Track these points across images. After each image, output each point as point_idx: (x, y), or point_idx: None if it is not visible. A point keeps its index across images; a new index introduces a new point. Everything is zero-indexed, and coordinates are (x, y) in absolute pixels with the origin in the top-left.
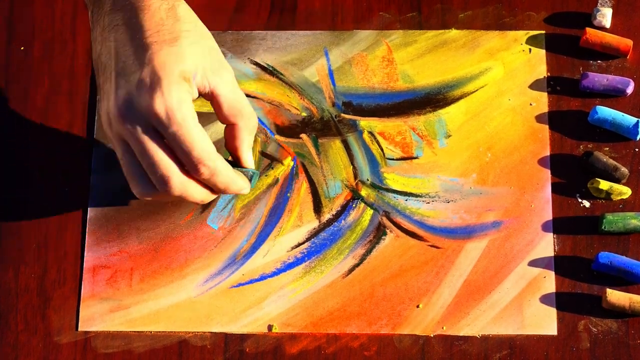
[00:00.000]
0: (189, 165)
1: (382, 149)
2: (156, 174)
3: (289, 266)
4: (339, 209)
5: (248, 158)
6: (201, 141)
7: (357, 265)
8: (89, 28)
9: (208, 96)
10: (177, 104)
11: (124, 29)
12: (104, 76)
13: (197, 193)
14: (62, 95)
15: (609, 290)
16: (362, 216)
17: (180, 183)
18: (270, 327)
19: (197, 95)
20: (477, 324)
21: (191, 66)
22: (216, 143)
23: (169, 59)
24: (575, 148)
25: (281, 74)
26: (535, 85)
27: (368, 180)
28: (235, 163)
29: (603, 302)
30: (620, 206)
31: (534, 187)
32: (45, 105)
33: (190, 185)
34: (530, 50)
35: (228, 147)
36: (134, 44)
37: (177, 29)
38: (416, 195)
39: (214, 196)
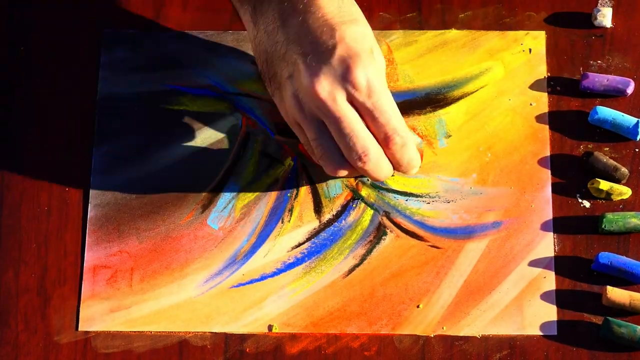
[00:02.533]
0: (384, 137)
1: None
2: (356, 146)
3: (289, 266)
4: (339, 209)
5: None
6: (397, 112)
7: (358, 265)
8: (89, 28)
9: None
10: (376, 74)
11: (303, 15)
12: (282, 62)
13: (386, 167)
14: (62, 95)
15: (609, 288)
16: (363, 216)
17: (376, 155)
18: (270, 327)
19: None
20: (478, 324)
21: (374, 44)
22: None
23: (357, 37)
24: (576, 148)
25: None
26: (535, 86)
27: (368, 180)
28: None
29: (603, 299)
30: (621, 206)
31: (534, 187)
32: (45, 105)
33: (382, 158)
34: (530, 50)
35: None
36: (319, 25)
37: (353, 11)
38: (416, 196)
39: (392, 173)
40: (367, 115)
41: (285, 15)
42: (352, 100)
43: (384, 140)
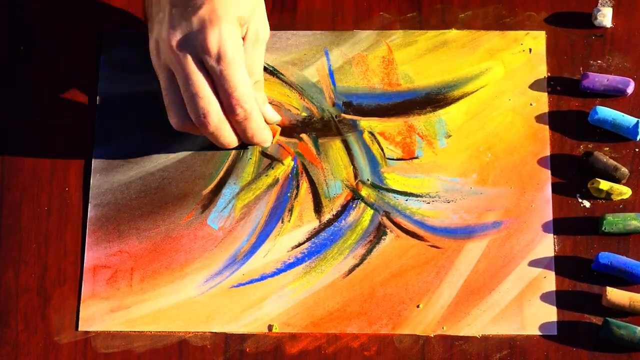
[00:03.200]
0: (227, 105)
1: (382, 149)
2: (197, 105)
3: (289, 266)
4: (339, 209)
5: (268, 111)
6: (244, 84)
7: (358, 265)
8: (89, 28)
9: None
10: (230, 43)
11: None
12: (157, 6)
13: (228, 135)
14: (62, 95)
15: (609, 289)
16: (363, 216)
17: (217, 119)
18: (270, 327)
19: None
20: (478, 324)
21: (245, 14)
22: None
23: (228, 3)
24: (576, 148)
25: (281, 74)
26: (535, 86)
27: (368, 180)
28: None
29: (603, 301)
30: (621, 206)
31: (534, 187)
32: (45, 105)
33: (224, 124)
34: (530, 50)
35: None
36: None
37: None
38: (416, 195)
39: (237, 143)
40: (215, 81)
41: None
42: (203, 62)
43: (228, 109)
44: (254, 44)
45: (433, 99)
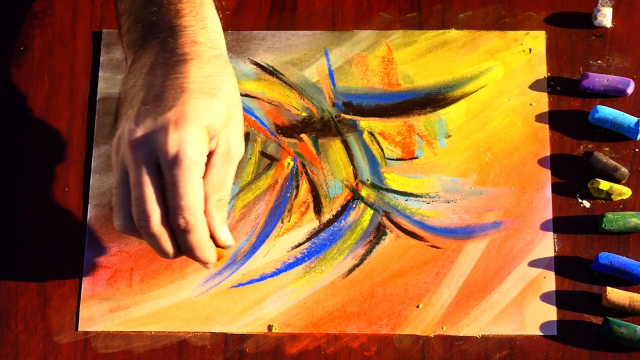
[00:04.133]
0: (172, 211)
1: (382, 149)
2: (140, 206)
3: (289, 266)
4: (339, 209)
5: (222, 234)
6: (195, 194)
7: (357, 265)
8: (89, 28)
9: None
10: (191, 148)
11: (165, 68)
12: (128, 104)
13: (166, 244)
14: (62, 95)
15: (609, 289)
16: (362, 216)
17: (157, 225)
18: (270, 327)
19: (207, 153)
20: (477, 324)
21: (218, 126)
22: None
23: (202, 109)
24: (576, 148)
25: (281, 74)
26: (535, 86)
27: (368, 180)
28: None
29: (603, 301)
30: (621, 206)
31: (534, 187)
32: (45, 105)
33: (164, 233)
34: (530, 50)
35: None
36: (175, 83)
37: (219, 87)
38: (416, 196)
39: (175, 255)
40: (166, 185)
41: (154, 65)
42: (159, 165)
43: (171, 217)
44: (224, 158)
45: (433, 99)
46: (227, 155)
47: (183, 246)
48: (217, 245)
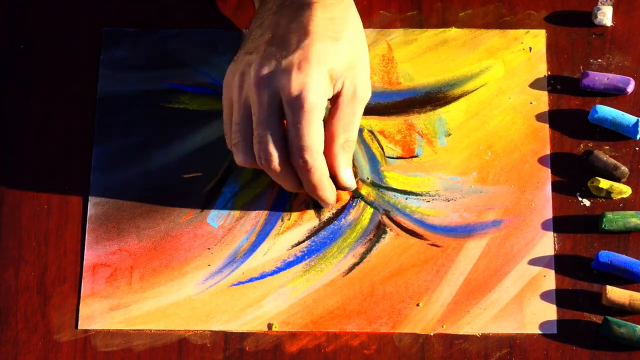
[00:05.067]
0: (291, 152)
1: (382, 148)
2: (264, 145)
3: (289, 264)
4: (339, 207)
5: (345, 175)
6: (315, 135)
7: (357, 263)
8: (89, 26)
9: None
10: (313, 91)
11: (292, 12)
12: (252, 42)
13: (289, 180)
14: (62, 95)
15: (609, 288)
16: (362, 215)
17: (280, 163)
18: (270, 326)
19: (330, 97)
20: (477, 322)
21: (340, 70)
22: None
23: (324, 53)
24: (576, 147)
25: None
26: (535, 84)
27: (368, 178)
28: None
29: (603, 299)
30: (621, 205)
31: (534, 185)
32: (45, 105)
33: (287, 170)
34: (530, 49)
35: (327, 164)
36: (300, 26)
37: (343, 30)
38: (416, 194)
39: (298, 190)
40: (288, 124)
41: (279, 9)
42: (282, 105)
43: (292, 155)
44: (350, 100)
45: (433, 98)
46: (353, 97)
47: (304, 184)
48: (338, 186)
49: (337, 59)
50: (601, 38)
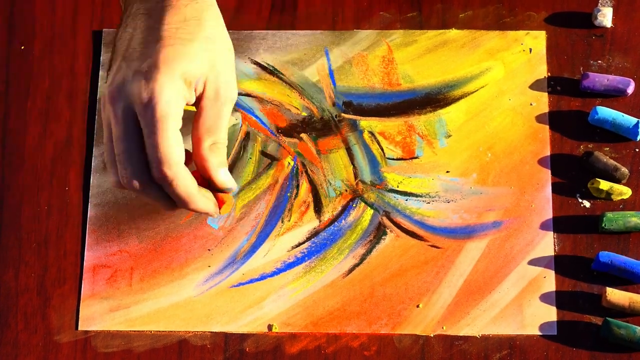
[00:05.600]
0: (151, 164)
1: (382, 149)
2: (123, 164)
3: (289, 266)
4: (339, 208)
5: (219, 177)
6: (171, 144)
7: (357, 265)
8: (89, 28)
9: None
10: (164, 98)
11: (145, 19)
12: (113, 59)
13: (160, 200)
14: (62, 95)
15: (608, 290)
16: (362, 216)
17: (143, 182)
18: (270, 327)
19: (193, 101)
20: (477, 323)
21: (197, 71)
22: None
23: (175, 56)
24: (576, 148)
25: (282, 73)
26: (535, 86)
27: (368, 180)
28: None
29: (603, 301)
30: (621, 206)
31: (534, 187)
32: (45, 105)
33: (152, 188)
34: (530, 50)
35: (198, 169)
36: (149, 34)
37: (197, 31)
38: (416, 195)
39: (176, 207)
40: (144, 136)
41: (137, 14)
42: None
43: (154, 170)
44: (214, 101)
45: (433, 99)
46: (216, 98)
47: (175, 200)
48: (217, 190)
49: (191, 61)
50: (601, 39)
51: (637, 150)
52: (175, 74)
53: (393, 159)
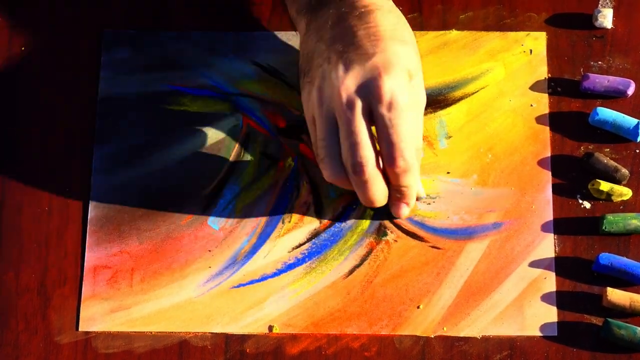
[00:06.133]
0: (388, 155)
1: None
2: (356, 155)
3: (289, 267)
4: (340, 209)
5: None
6: (411, 136)
7: (358, 266)
8: (90, 28)
9: None
10: (402, 92)
11: (356, 23)
12: (321, 58)
13: (380, 189)
14: (62, 95)
15: (609, 290)
16: (363, 217)
17: (373, 171)
18: (270, 328)
19: None
20: (478, 324)
21: (414, 69)
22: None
23: (400, 54)
24: (576, 149)
25: (282, 74)
26: (536, 87)
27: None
28: None
29: (603, 301)
30: (621, 207)
31: (534, 188)
32: (45, 105)
33: (378, 177)
34: (531, 51)
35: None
36: (368, 34)
37: (406, 34)
38: (417, 196)
39: (384, 201)
40: (381, 129)
41: (338, 20)
42: (371, 110)
43: (388, 160)
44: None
45: (434, 100)
46: (416, 103)
47: (397, 188)
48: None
49: (411, 60)
50: (601, 40)
51: (637, 151)
52: (404, 69)
53: None
